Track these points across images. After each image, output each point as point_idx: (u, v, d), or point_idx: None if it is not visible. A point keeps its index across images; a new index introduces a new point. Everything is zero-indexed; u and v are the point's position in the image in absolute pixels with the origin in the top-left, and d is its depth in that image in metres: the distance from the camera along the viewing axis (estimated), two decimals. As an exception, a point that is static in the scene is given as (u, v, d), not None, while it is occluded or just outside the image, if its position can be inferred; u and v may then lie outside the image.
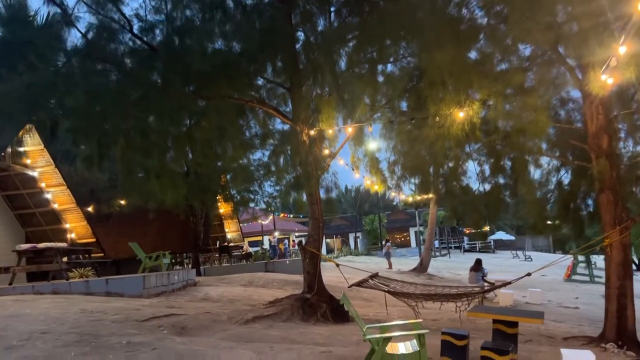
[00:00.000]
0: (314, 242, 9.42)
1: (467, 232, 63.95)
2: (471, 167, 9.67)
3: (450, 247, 54.77)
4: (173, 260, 20.09)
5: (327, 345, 6.61)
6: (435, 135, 7.86)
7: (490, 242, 62.32)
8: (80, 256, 13.41)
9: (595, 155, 6.89)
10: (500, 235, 62.97)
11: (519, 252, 50.48)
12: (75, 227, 14.71)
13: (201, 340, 6.65)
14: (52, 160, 13.47)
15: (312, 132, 8.84)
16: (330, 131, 9.09)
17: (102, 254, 15.53)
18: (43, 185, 13.73)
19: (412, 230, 61.75)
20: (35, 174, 13.48)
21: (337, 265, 9.40)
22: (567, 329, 9.12)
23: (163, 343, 6.17)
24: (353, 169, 12.55)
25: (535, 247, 56.55)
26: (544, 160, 8.69)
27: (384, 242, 31.60)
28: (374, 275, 9.19)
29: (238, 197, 17.49)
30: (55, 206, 14.13)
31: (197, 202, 15.49)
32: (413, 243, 58.37)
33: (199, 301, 10.07)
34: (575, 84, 7.11)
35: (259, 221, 34.87)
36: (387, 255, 25.03)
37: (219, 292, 11.77)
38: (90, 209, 17.09)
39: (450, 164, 9.57)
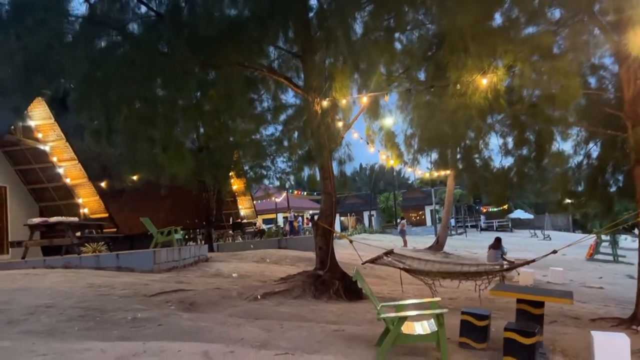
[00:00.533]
0: (327, 217, 9.09)
1: (484, 210, 63.26)
2: (493, 140, 9.17)
3: (467, 226, 54.26)
4: (186, 236, 20.05)
5: (340, 323, 6.33)
6: (455, 104, 7.39)
7: (507, 221, 61.61)
8: (93, 231, 13.32)
9: (632, 124, 6.36)
10: (519, 213, 62.13)
11: (537, 231, 49.78)
12: (88, 202, 14.61)
13: (209, 316, 6.42)
14: (63, 135, 13.29)
15: (324, 103, 8.42)
16: (344, 101, 8.65)
17: (115, 229, 15.45)
18: (55, 159, 13.59)
19: (427, 209, 61.33)
20: (46, 148, 13.33)
21: (351, 241, 9.08)
22: (592, 310, 8.72)
23: (169, 319, 5.95)
24: (368, 143, 12.14)
25: (554, 227, 55.62)
26: (571, 131, 8.15)
27: (399, 220, 31.16)
28: (389, 252, 8.85)
29: (251, 173, 17.22)
30: (68, 181, 14.01)
31: (209, 177, 15.24)
32: (428, 221, 57.92)
33: (210, 277, 9.88)
34: (610, 46, 6.55)
35: (273, 199, 34.80)
36: (402, 233, 24.65)
37: (230, 268, 11.58)
38: (103, 184, 16.98)
39: (472, 136, 9.07)
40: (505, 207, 70.79)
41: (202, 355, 4.23)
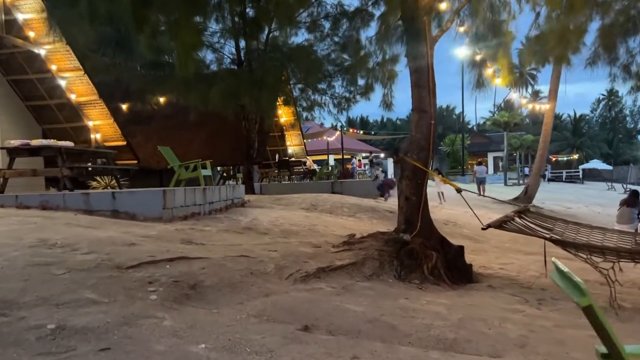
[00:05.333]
0: (420, 151, 5.71)
1: (554, 159, 57.82)
2: None
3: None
4: (224, 174, 17.22)
5: (462, 345, 3.11)
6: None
7: (578, 171, 56.18)
8: (100, 160, 10.60)
9: None
10: (595, 164, 56.21)
11: (616, 185, 44.40)
12: (101, 127, 11.84)
13: (215, 319, 3.38)
14: (61, 34, 10.30)
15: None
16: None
17: (136, 162, 12.71)
18: (54, 68, 10.73)
19: (490, 156, 56.65)
20: (42, 52, 10.45)
21: (459, 190, 5.66)
22: None
23: (131, 331, 2.92)
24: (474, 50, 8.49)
25: (638, 180, 49.52)
26: None
27: (474, 165, 26.89)
28: (522, 211, 5.44)
29: (301, 99, 13.90)
30: (73, 97, 11.18)
31: (250, 101, 12.04)
32: (491, 169, 53.21)
33: (239, 232, 6.84)
34: None
35: (324, 138, 31.55)
36: (479, 181, 20.79)
37: (271, 218, 8.54)
38: (124, 106, 14.16)
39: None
40: (576, 156, 65.03)
41: None
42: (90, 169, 9.79)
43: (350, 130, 32.10)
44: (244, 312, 3.72)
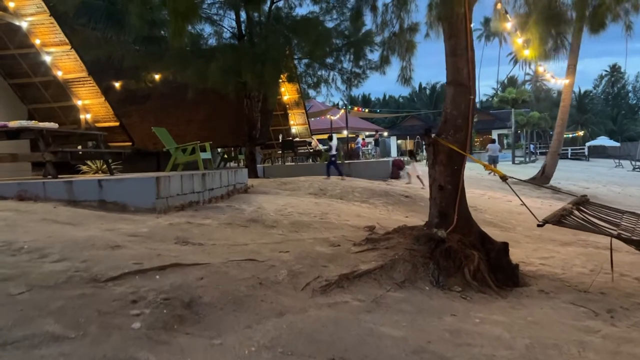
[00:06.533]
0: (457, 131, 4.82)
1: (559, 136, 56.69)
2: None
3: (535, 153, 48.48)
4: (225, 155, 16.33)
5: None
6: None
7: (583, 149, 55.26)
8: (101, 144, 9.64)
9: None
10: (603, 140, 55.16)
11: (623, 162, 43.45)
12: (91, 106, 10.91)
13: (216, 356, 2.56)
14: (45, 6, 9.35)
15: None
16: None
17: (131, 144, 11.83)
18: (38, 42, 9.75)
19: (494, 133, 55.61)
20: (23, 24, 9.47)
21: (505, 179, 4.77)
22: None
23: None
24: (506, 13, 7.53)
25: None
26: None
27: (489, 144, 25.87)
28: (581, 202, 4.57)
29: (306, 75, 12.92)
30: (60, 74, 10.24)
31: (252, 77, 11.07)
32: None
33: (244, 225, 5.99)
34: None
35: (328, 116, 30.57)
36: (492, 159, 19.80)
37: (278, 206, 7.70)
38: (117, 85, 13.19)
39: None
40: (581, 133, 63.96)
41: None
42: (78, 152, 8.89)
43: (355, 108, 31.01)
44: (253, 340, 2.90)
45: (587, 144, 55.69)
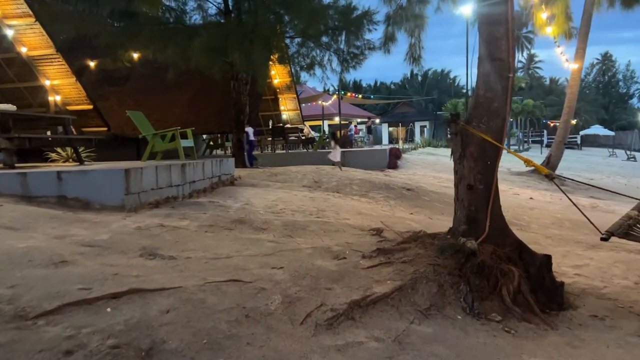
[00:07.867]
0: (491, 117, 3.91)
1: (552, 124, 56.28)
2: None
3: (526, 141, 48.03)
4: (211, 143, 15.30)
5: None
6: None
7: (575, 138, 54.93)
8: (72, 129, 8.60)
9: None
10: (597, 129, 54.81)
11: (617, 151, 43.19)
12: (62, 87, 9.86)
13: None
14: (3, -29, 8.26)
15: None
16: None
17: (106, 129, 10.79)
18: (-3, 14, 8.67)
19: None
20: (-22, -7, 8.38)
21: (552, 178, 3.89)
22: None
23: None
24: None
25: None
26: None
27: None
28: (645, 208, 3.72)
29: (299, 55, 11.91)
30: (24, 50, 9.15)
31: (239, 57, 10.04)
32: (489, 135, 51.32)
33: (228, 227, 5.06)
34: None
35: (320, 102, 29.60)
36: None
37: (268, 202, 6.78)
38: (92, 64, 12.07)
39: None
40: (574, 122, 63.68)
41: None
42: (39, 139, 7.85)
43: (348, 94, 30.01)
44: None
45: (581, 132, 55.30)
